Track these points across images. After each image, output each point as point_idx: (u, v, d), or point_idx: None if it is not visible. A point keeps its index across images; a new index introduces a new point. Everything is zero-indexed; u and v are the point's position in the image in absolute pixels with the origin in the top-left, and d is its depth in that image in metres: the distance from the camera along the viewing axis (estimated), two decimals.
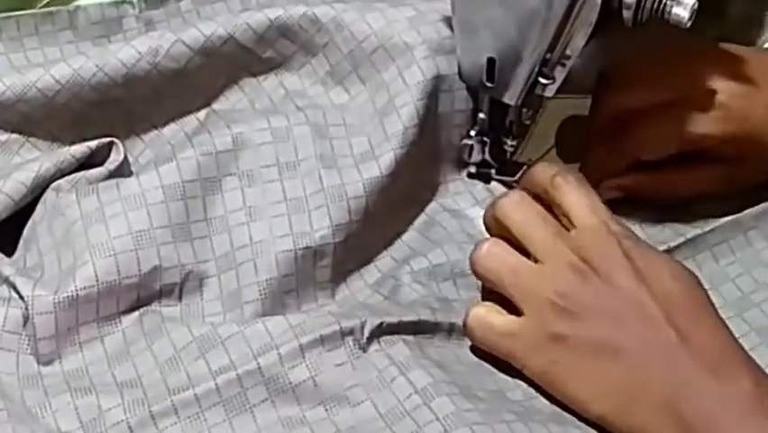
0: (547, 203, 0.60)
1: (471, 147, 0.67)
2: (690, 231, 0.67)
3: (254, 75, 0.67)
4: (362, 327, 0.58)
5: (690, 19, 0.58)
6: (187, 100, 0.67)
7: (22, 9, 0.70)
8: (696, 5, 0.58)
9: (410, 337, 0.58)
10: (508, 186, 0.68)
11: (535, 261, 0.58)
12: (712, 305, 0.57)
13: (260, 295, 0.60)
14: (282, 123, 0.63)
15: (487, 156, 0.67)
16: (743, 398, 0.54)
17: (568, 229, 0.59)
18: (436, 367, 0.57)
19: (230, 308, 0.60)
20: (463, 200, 0.68)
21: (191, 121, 0.67)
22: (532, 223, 0.59)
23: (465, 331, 0.60)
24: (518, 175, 0.68)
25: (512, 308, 0.58)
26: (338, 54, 0.65)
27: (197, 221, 0.61)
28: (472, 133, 0.66)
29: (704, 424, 0.53)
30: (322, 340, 0.57)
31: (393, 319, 0.58)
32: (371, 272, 0.64)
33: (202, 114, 0.67)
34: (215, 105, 0.67)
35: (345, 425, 0.56)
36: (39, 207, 0.63)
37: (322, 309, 0.61)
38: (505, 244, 0.59)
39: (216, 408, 0.56)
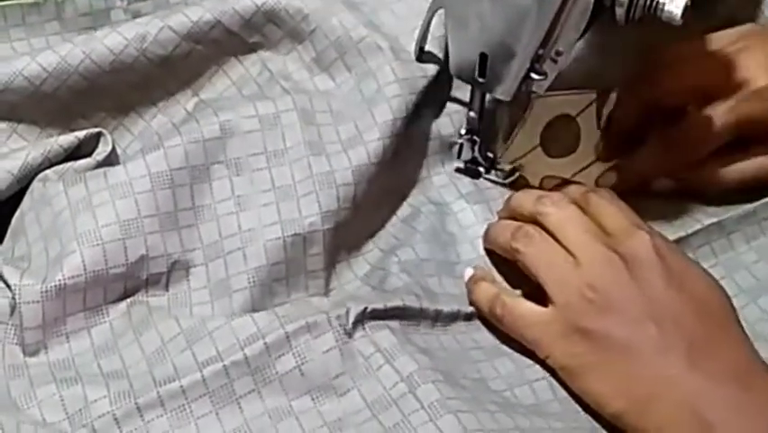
0: None
1: (462, 145, 0.67)
2: (706, 219, 0.67)
3: (241, 61, 0.67)
4: (347, 313, 0.58)
5: (682, 16, 0.58)
6: (175, 90, 0.67)
7: None
8: (688, 2, 0.58)
9: (395, 324, 0.59)
10: (499, 185, 0.69)
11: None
12: (738, 320, 0.58)
13: (249, 283, 0.60)
14: (270, 109, 0.63)
15: (477, 154, 0.67)
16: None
17: None
18: (421, 353, 0.57)
19: (218, 297, 0.60)
20: (448, 193, 0.68)
21: (179, 111, 0.67)
22: (570, 219, 0.60)
23: (487, 314, 0.61)
24: (509, 178, 0.68)
25: (537, 295, 0.60)
26: (324, 41, 0.65)
27: (185, 209, 0.61)
28: (462, 131, 0.67)
29: (726, 427, 0.53)
30: (308, 327, 0.57)
31: (378, 305, 0.59)
32: (361, 265, 0.64)
33: (190, 104, 0.67)
34: (203, 95, 0.67)
35: (332, 417, 0.56)
36: (26, 198, 0.62)
37: (310, 301, 0.61)
38: (545, 233, 0.60)
39: (203, 399, 0.56)
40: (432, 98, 0.66)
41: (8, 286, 0.58)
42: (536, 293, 0.60)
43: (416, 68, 0.65)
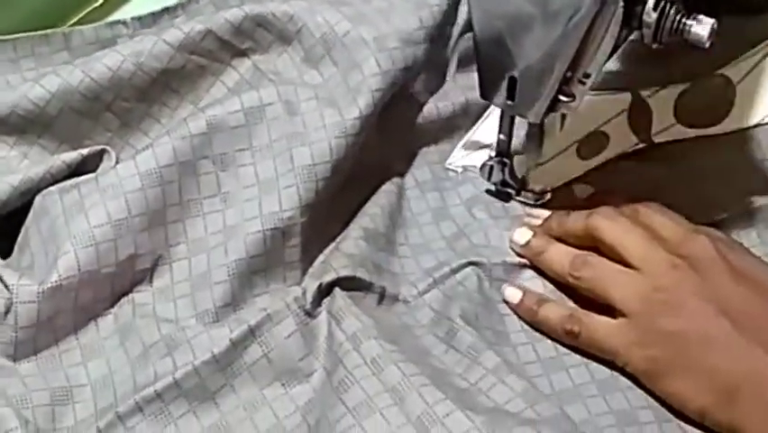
0: None
1: (492, 168, 0.68)
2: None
3: (236, 68, 0.69)
4: (304, 294, 0.60)
5: (709, 38, 0.58)
6: (176, 104, 0.69)
7: (53, 26, 0.73)
8: (716, 25, 0.58)
9: (344, 292, 0.61)
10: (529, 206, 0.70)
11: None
12: None
13: (229, 276, 0.61)
14: (254, 101, 0.65)
15: (507, 177, 0.68)
16: None
17: None
18: (365, 315, 0.59)
19: (198, 289, 0.62)
20: (406, 180, 0.70)
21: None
22: (626, 230, 0.61)
23: (558, 332, 0.62)
24: (539, 200, 0.69)
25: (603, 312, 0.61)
26: (311, 39, 0.67)
27: (173, 205, 0.63)
28: (492, 153, 0.68)
29: None
30: (270, 316, 0.59)
31: (330, 277, 0.61)
32: (333, 251, 0.65)
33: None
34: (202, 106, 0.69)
35: (302, 400, 0.59)
36: (30, 214, 0.65)
37: (287, 291, 0.62)
38: (597, 255, 0.62)
39: (179, 400, 0.58)
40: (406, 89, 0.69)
41: (6, 287, 0.59)
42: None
43: (399, 59, 0.66)
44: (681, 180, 0.69)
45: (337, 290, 0.61)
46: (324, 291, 0.61)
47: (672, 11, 0.58)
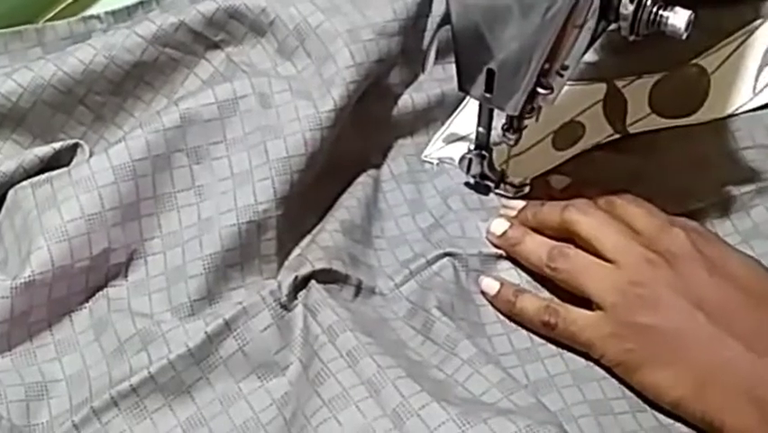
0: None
1: (471, 160, 0.68)
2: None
3: (209, 60, 0.69)
4: (280, 287, 0.60)
5: (686, 29, 0.59)
6: (150, 98, 0.69)
7: (30, 22, 0.73)
8: (692, 16, 0.59)
9: (320, 286, 0.61)
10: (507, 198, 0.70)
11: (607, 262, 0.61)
12: None
13: (204, 269, 0.61)
14: (228, 94, 0.64)
15: (486, 170, 0.69)
16: None
17: None
18: (342, 308, 0.59)
19: (173, 282, 0.62)
20: (382, 172, 0.70)
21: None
22: (601, 224, 0.62)
23: (535, 323, 0.62)
24: (518, 193, 0.69)
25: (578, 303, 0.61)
26: (284, 31, 0.67)
27: (146, 198, 0.63)
28: (471, 147, 0.68)
29: None
30: (245, 310, 0.59)
31: (306, 270, 0.61)
32: (308, 242, 0.65)
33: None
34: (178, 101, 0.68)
35: (278, 393, 0.59)
36: (3, 209, 0.65)
37: (264, 284, 0.62)
38: (574, 247, 0.62)
39: (154, 394, 0.58)
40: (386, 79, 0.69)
41: None
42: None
43: (373, 51, 0.66)
44: (656, 171, 0.69)
45: (313, 282, 0.61)
46: (300, 284, 0.61)
47: (649, 2, 0.58)
